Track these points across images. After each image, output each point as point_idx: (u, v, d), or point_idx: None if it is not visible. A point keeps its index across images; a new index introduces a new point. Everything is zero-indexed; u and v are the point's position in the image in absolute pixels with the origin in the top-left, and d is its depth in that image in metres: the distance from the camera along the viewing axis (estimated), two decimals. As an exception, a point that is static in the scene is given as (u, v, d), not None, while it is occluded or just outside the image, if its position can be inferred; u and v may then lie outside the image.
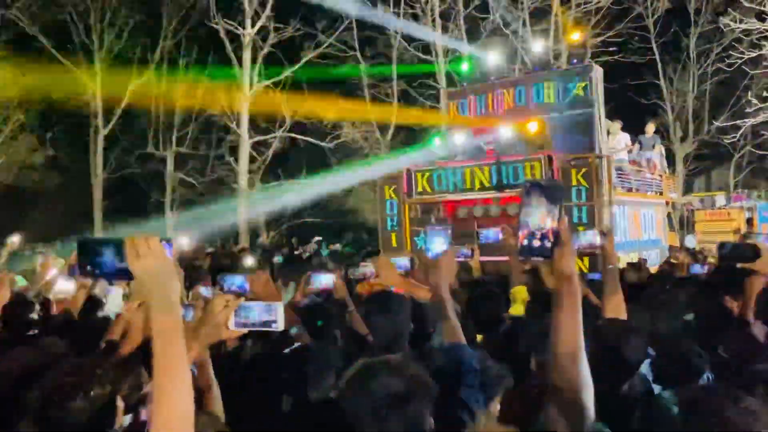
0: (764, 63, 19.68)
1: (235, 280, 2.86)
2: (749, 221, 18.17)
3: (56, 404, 1.90)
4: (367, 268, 4.60)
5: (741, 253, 3.14)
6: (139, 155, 26.74)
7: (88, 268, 1.49)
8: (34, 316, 3.77)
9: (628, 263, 7.53)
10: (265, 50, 22.30)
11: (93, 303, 4.24)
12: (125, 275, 1.43)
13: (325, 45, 22.74)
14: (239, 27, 21.82)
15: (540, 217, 1.50)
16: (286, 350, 3.17)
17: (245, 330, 2.06)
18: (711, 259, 8.41)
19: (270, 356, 3.17)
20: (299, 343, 3.22)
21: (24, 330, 3.64)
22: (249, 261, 7.48)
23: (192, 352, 1.93)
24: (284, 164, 25.06)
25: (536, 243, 1.50)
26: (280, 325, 1.99)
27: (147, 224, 31.60)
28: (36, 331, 3.65)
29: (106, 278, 1.51)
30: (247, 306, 2.01)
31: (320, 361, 2.84)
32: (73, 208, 30.44)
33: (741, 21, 19.11)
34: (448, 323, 2.23)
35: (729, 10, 21.07)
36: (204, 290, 4.66)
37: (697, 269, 6.44)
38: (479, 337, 3.22)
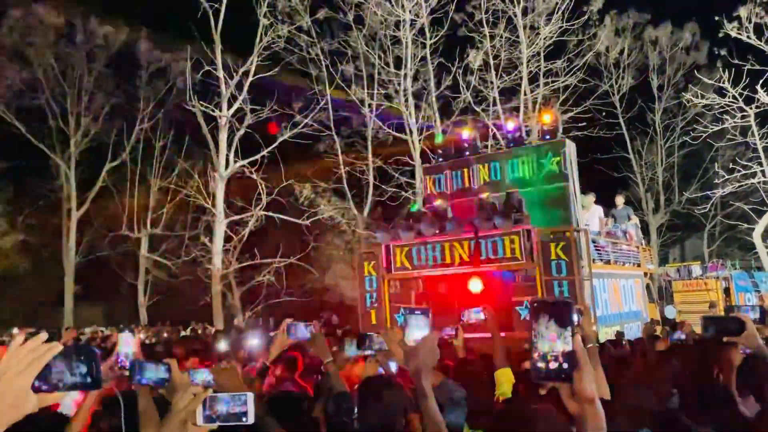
0: (728, 136, 20.34)
1: (199, 375, 2.69)
2: (726, 291, 18.31)
3: None
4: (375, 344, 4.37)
5: (726, 326, 3.06)
6: (112, 237, 26.37)
7: None
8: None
9: (607, 340, 7.40)
10: (241, 131, 22.51)
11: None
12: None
13: (301, 126, 23.05)
14: (215, 109, 22.07)
15: (551, 340, 1.41)
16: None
17: (214, 425, 1.88)
18: (694, 330, 8.29)
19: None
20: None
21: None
22: (222, 346, 7.22)
23: None
24: (260, 243, 24.84)
25: (552, 365, 1.41)
26: (250, 418, 1.83)
27: (120, 307, 30.94)
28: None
29: None
30: (215, 397, 1.84)
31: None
32: (45, 293, 29.70)
33: (702, 96, 19.89)
34: (429, 416, 2.03)
35: (690, 86, 22.05)
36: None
37: (678, 335, 6.38)
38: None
